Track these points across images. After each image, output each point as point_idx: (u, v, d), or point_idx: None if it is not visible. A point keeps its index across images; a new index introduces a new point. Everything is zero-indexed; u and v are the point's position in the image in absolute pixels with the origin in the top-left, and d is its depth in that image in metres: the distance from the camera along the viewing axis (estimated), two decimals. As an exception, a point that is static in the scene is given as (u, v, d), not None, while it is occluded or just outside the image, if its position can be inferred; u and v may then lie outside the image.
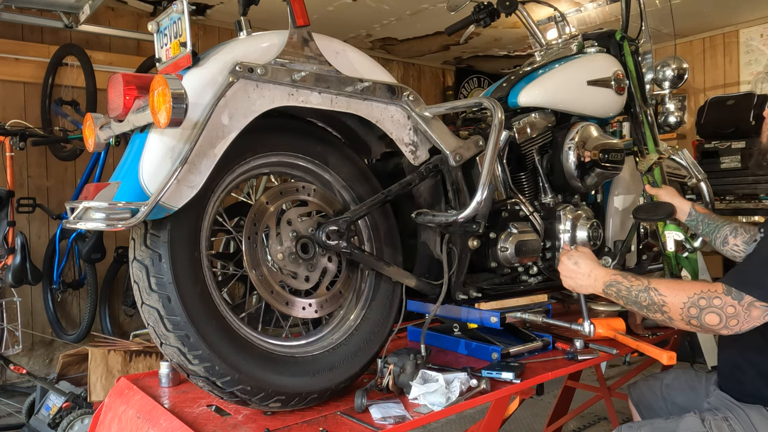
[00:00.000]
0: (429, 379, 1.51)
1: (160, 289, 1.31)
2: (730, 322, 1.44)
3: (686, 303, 1.47)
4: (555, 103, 2.09)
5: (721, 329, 1.45)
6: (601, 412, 3.46)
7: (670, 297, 1.49)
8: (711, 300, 1.45)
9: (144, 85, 1.33)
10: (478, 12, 2.42)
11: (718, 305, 1.44)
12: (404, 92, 1.64)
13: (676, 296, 1.49)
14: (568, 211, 2.05)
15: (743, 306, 1.42)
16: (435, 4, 4.80)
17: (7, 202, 3.52)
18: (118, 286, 4.41)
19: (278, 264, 1.51)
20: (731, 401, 1.66)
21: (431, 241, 1.78)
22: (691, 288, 1.48)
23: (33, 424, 2.88)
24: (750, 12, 5.31)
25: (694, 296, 1.46)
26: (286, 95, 1.44)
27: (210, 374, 1.34)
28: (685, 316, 1.47)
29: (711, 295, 1.45)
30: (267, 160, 1.54)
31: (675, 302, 1.48)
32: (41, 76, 4.32)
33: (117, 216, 1.24)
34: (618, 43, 2.30)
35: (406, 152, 1.68)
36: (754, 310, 1.42)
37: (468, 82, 7.05)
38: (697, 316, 1.46)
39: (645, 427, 1.64)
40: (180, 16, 1.33)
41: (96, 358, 2.84)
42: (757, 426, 1.53)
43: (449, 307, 1.95)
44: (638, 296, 1.54)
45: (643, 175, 2.25)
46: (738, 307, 1.43)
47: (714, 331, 1.47)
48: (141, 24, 4.80)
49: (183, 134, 1.28)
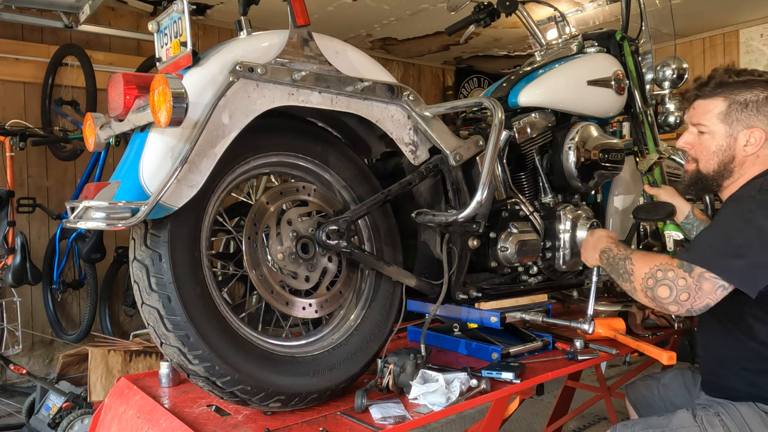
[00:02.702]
0: (429, 379, 1.51)
1: (160, 289, 1.30)
2: (681, 296, 1.44)
3: (647, 274, 1.49)
4: (555, 102, 2.09)
5: (671, 303, 1.45)
6: (601, 412, 3.46)
7: (636, 267, 1.53)
8: (666, 272, 1.46)
9: (144, 84, 1.33)
10: (478, 12, 2.42)
11: (671, 277, 1.45)
12: (404, 92, 1.64)
13: (640, 267, 1.52)
14: (568, 211, 2.05)
15: (693, 278, 1.43)
16: (435, 4, 4.80)
17: (7, 202, 3.52)
18: (118, 286, 4.41)
19: (278, 264, 1.51)
20: (721, 400, 1.65)
21: (431, 240, 1.78)
22: (654, 260, 1.50)
23: (33, 424, 2.88)
24: (750, 12, 5.31)
25: (653, 268, 1.48)
26: (287, 95, 1.44)
27: (210, 374, 1.34)
28: (643, 287, 1.49)
29: (666, 267, 1.46)
30: (267, 160, 1.54)
31: (638, 272, 1.51)
32: (41, 76, 4.32)
33: (117, 215, 1.24)
34: (618, 43, 2.31)
35: (406, 152, 1.68)
36: (704, 282, 1.42)
37: (468, 82, 7.05)
38: (652, 287, 1.47)
39: (639, 425, 1.64)
40: (180, 16, 1.33)
41: (96, 358, 2.84)
42: (748, 421, 1.53)
43: (449, 307, 1.95)
44: (617, 263, 1.59)
45: (643, 175, 2.25)
46: (688, 279, 1.43)
47: (664, 304, 1.47)
48: (141, 24, 4.80)
49: (183, 134, 1.28)
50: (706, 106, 1.65)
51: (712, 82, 1.64)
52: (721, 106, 1.62)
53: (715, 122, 1.63)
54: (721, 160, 1.63)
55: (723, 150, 1.63)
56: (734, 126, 1.61)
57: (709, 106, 1.64)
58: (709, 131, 1.64)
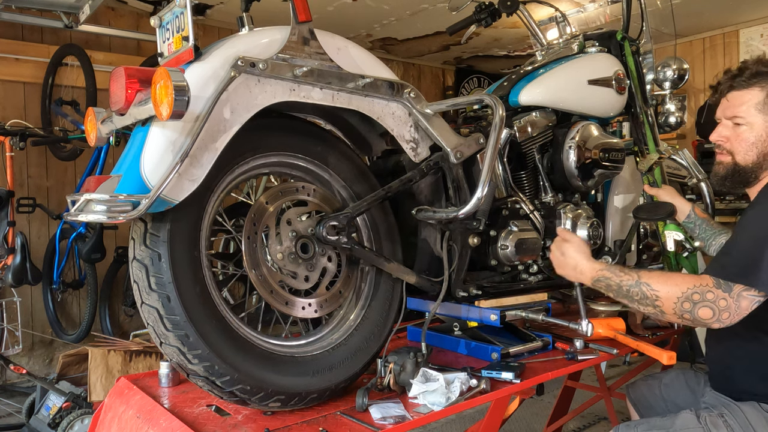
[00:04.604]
0: (430, 378, 1.51)
1: (159, 289, 1.30)
2: (723, 315, 1.44)
3: (680, 298, 1.47)
4: (556, 102, 2.09)
5: (714, 323, 1.46)
6: (601, 412, 3.45)
7: (663, 292, 1.50)
8: (704, 294, 1.45)
9: (146, 78, 1.33)
10: (479, 12, 2.42)
11: (711, 299, 1.44)
12: (405, 89, 1.64)
13: (669, 291, 1.49)
14: (568, 210, 2.04)
15: (733, 298, 1.43)
16: (435, 4, 4.80)
17: (7, 202, 3.52)
18: (118, 286, 4.40)
19: (278, 264, 1.50)
20: (726, 399, 1.66)
21: (432, 238, 1.78)
22: (684, 282, 1.48)
23: (33, 424, 2.88)
24: (750, 12, 5.31)
25: (687, 291, 1.47)
26: (288, 90, 1.44)
27: (210, 374, 1.33)
28: (678, 311, 1.48)
29: (704, 289, 1.45)
30: (267, 160, 1.53)
31: (668, 297, 1.49)
32: (41, 76, 4.32)
33: (118, 208, 1.24)
34: (619, 43, 2.30)
35: (407, 149, 1.68)
36: (743, 301, 1.43)
37: (468, 82, 7.05)
38: (691, 311, 1.46)
39: (642, 426, 1.63)
40: (182, 11, 1.33)
41: (96, 358, 2.83)
42: (752, 421, 1.53)
43: (449, 305, 1.95)
44: (629, 291, 1.54)
45: (643, 175, 2.25)
46: (729, 300, 1.43)
47: (706, 324, 1.48)
48: (141, 24, 4.80)
49: (185, 127, 1.28)
50: (742, 97, 1.63)
51: (746, 72, 1.62)
52: (758, 96, 1.60)
53: (753, 113, 1.61)
54: (761, 151, 1.62)
55: (762, 141, 1.61)
56: None
57: (745, 97, 1.62)
58: (747, 122, 1.62)
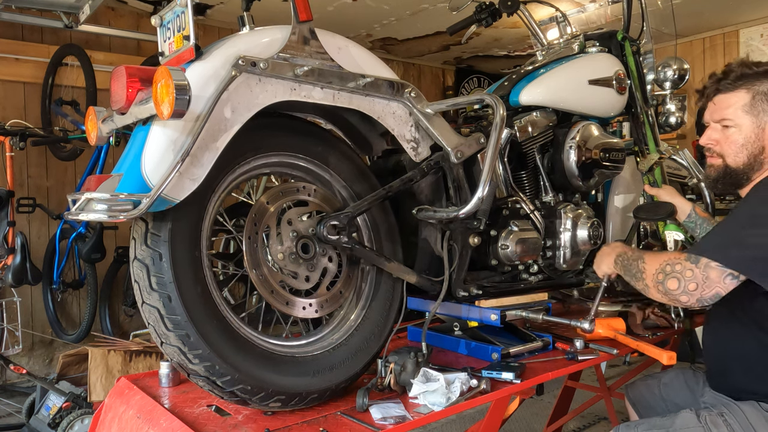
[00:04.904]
0: (431, 378, 1.51)
1: (160, 289, 1.30)
2: (689, 286, 1.48)
3: (657, 270, 1.54)
4: (556, 101, 2.09)
5: (681, 294, 1.49)
6: (601, 412, 3.45)
7: (648, 264, 1.58)
8: (674, 265, 1.51)
9: (147, 77, 1.32)
10: (480, 12, 2.41)
11: (678, 270, 1.50)
12: (406, 88, 1.64)
13: (651, 264, 1.57)
14: (568, 210, 2.04)
15: (700, 268, 1.47)
16: (435, 4, 4.80)
17: (7, 202, 3.51)
18: (118, 286, 4.40)
19: (279, 264, 1.50)
20: (725, 398, 1.66)
21: (432, 237, 1.78)
22: (663, 257, 1.56)
23: (33, 424, 2.88)
24: (750, 12, 5.31)
25: (663, 263, 1.53)
26: (289, 90, 1.44)
27: (210, 374, 1.33)
28: (655, 282, 1.54)
29: (674, 261, 1.52)
30: (267, 160, 1.53)
31: (649, 269, 1.57)
32: (41, 76, 4.32)
33: (119, 207, 1.24)
34: (619, 43, 2.30)
35: (408, 149, 1.68)
36: (711, 272, 1.46)
37: (468, 82, 7.05)
38: (662, 281, 1.52)
39: (642, 425, 1.63)
40: (183, 10, 1.32)
41: (96, 358, 2.83)
42: (752, 421, 1.53)
43: (450, 305, 1.95)
44: (631, 265, 1.65)
45: (643, 175, 2.25)
46: (696, 270, 1.47)
47: (676, 297, 1.51)
48: (141, 24, 4.80)
49: (186, 127, 1.28)
50: (728, 99, 1.63)
51: (731, 75, 1.63)
52: (744, 98, 1.61)
53: (741, 115, 1.62)
54: (751, 152, 1.62)
55: (752, 142, 1.62)
56: (761, 117, 1.60)
57: (732, 100, 1.63)
58: (735, 124, 1.63)
